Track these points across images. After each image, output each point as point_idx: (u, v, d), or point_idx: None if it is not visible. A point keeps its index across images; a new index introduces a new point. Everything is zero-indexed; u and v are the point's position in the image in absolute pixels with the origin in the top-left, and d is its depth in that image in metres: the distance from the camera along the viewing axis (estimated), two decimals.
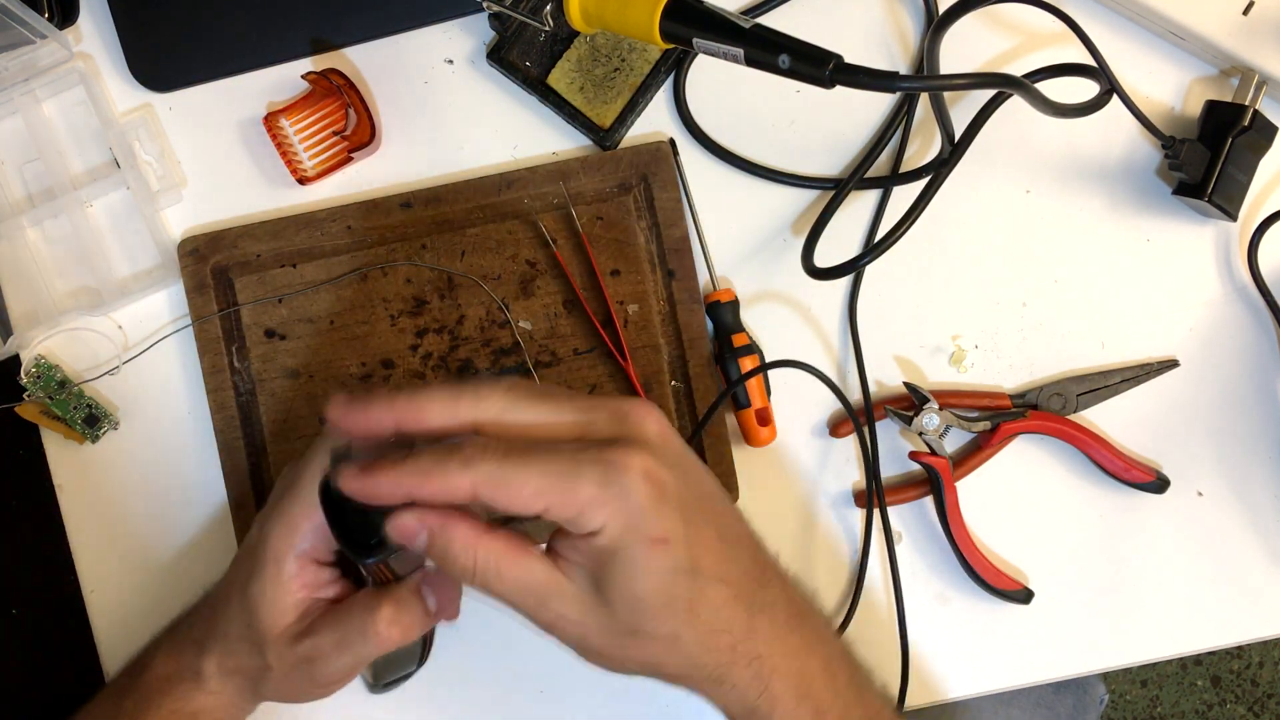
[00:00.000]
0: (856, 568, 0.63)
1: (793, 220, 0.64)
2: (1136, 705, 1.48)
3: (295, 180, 0.62)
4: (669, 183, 0.62)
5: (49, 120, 0.64)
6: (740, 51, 0.50)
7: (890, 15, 0.64)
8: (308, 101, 0.62)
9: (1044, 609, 0.63)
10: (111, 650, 0.63)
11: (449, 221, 0.63)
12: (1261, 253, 0.63)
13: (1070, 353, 0.64)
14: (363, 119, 0.62)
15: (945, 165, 0.59)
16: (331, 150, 0.62)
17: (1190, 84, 0.64)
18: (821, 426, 0.64)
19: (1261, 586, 0.63)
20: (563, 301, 0.63)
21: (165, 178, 0.64)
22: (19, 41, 0.60)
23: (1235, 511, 0.63)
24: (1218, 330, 0.64)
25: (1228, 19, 0.60)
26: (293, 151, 0.62)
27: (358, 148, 0.62)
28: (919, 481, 0.63)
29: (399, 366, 0.63)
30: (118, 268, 0.64)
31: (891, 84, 0.48)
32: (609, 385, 0.62)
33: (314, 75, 0.62)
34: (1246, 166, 0.61)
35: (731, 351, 0.61)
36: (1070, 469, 0.63)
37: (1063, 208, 0.64)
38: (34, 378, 0.62)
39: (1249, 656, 1.48)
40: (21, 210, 0.64)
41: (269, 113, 0.63)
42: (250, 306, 0.63)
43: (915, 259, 0.64)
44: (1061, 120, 0.59)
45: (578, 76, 0.63)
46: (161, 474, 0.63)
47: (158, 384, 0.64)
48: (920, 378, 0.64)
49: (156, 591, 0.63)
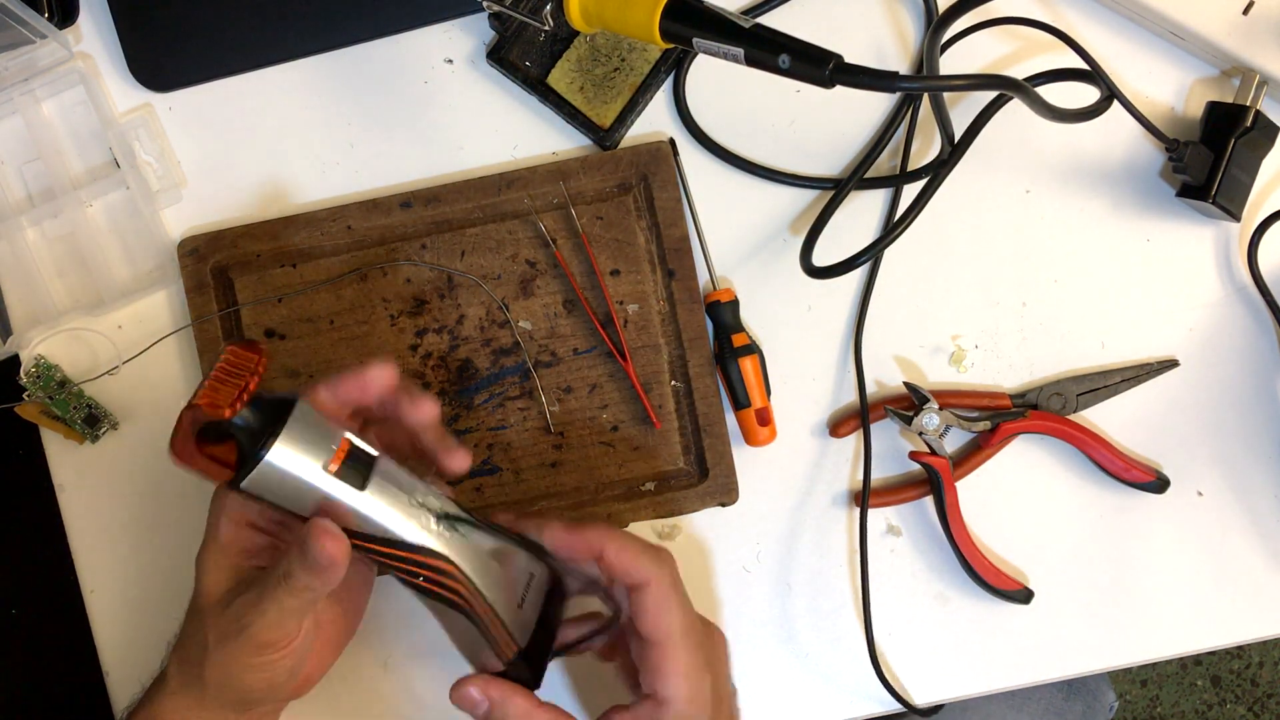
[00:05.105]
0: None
1: (792, 220, 0.64)
2: (1136, 705, 1.48)
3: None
4: (669, 183, 0.62)
5: (49, 120, 0.64)
6: (740, 51, 0.50)
7: (890, 15, 0.64)
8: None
9: (1044, 609, 0.63)
10: (111, 650, 0.63)
11: (449, 221, 0.63)
12: (1261, 253, 0.63)
13: (1070, 353, 0.64)
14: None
15: (945, 166, 0.59)
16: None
17: (1191, 85, 0.64)
18: (821, 426, 0.64)
19: (1261, 586, 0.63)
20: (563, 301, 0.63)
21: (165, 178, 0.64)
22: (19, 41, 0.60)
23: (1235, 511, 0.63)
24: (1218, 330, 0.64)
25: (1228, 19, 0.60)
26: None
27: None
28: (919, 481, 0.63)
29: (399, 366, 0.63)
30: (117, 268, 0.64)
31: (891, 84, 0.48)
32: (609, 385, 0.62)
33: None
34: (1249, 167, 0.61)
35: (731, 351, 0.61)
36: (1070, 469, 0.63)
37: (1063, 208, 0.64)
38: (34, 378, 0.62)
39: (1249, 656, 1.48)
40: (21, 210, 0.64)
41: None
42: (250, 306, 0.63)
43: (915, 259, 0.64)
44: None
45: (578, 76, 0.63)
46: (161, 474, 0.63)
47: (158, 384, 0.64)
48: (920, 378, 0.64)
49: (156, 591, 0.63)
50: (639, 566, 0.51)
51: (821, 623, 0.63)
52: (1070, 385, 0.63)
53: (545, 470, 0.63)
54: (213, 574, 0.51)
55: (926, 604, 0.63)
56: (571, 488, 0.63)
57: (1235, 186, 0.60)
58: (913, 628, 0.63)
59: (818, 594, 0.63)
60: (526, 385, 0.63)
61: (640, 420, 0.62)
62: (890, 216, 0.64)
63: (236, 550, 0.51)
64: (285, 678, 0.51)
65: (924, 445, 0.62)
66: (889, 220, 0.64)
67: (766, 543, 0.63)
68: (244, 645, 0.49)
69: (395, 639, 0.63)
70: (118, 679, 0.63)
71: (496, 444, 0.63)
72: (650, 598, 0.51)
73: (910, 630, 0.63)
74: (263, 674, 0.50)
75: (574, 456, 0.63)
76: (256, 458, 0.46)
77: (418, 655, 0.63)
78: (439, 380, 0.63)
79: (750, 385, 0.61)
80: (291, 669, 0.51)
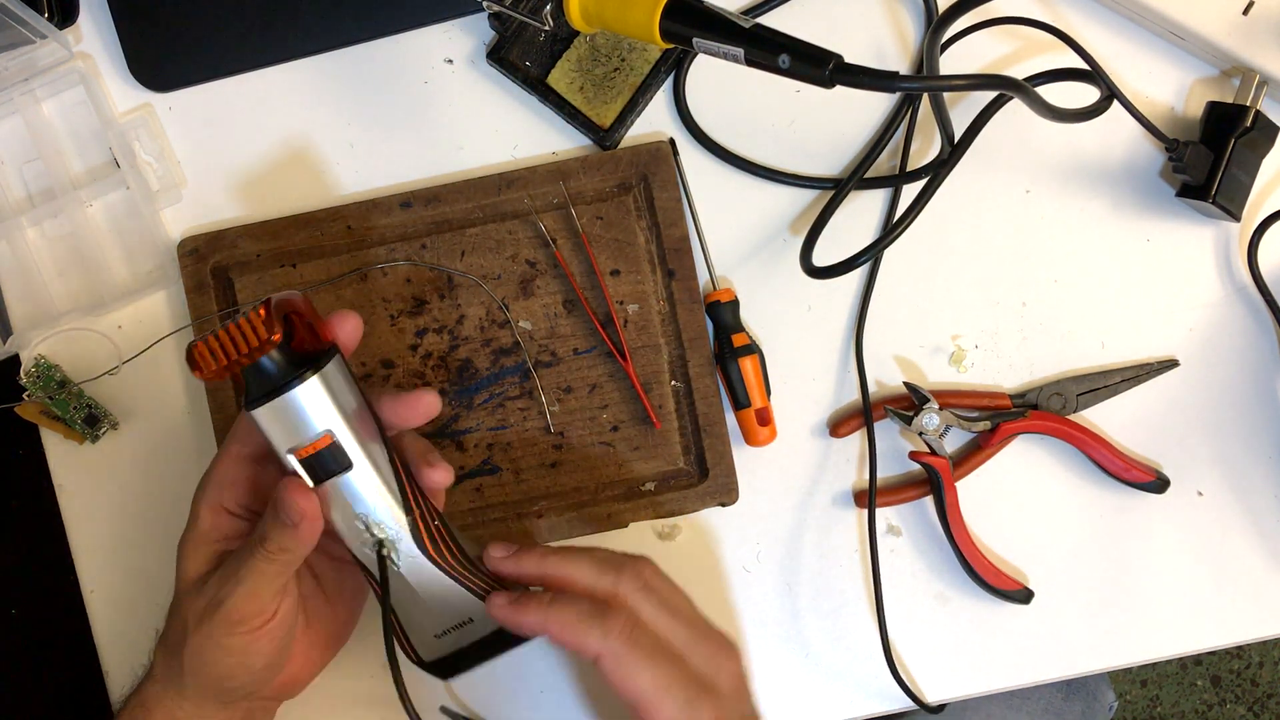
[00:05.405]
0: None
1: (792, 220, 0.64)
2: (1136, 705, 1.48)
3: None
4: (669, 183, 0.62)
5: (49, 120, 0.64)
6: (740, 51, 0.50)
7: (890, 15, 0.64)
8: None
9: (1044, 609, 0.63)
10: (111, 650, 0.63)
11: (449, 221, 0.63)
12: (1261, 253, 0.63)
13: (1070, 353, 0.64)
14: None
15: (945, 166, 0.59)
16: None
17: (1191, 85, 0.64)
18: (821, 426, 0.64)
19: (1261, 586, 0.63)
20: (563, 301, 0.63)
21: (165, 178, 0.64)
22: (19, 41, 0.60)
23: (1235, 511, 0.63)
24: (1218, 330, 0.64)
25: (1228, 19, 0.60)
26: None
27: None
28: (919, 481, 0.63)
29: (399, 366, 0.63)
30: (117, 268, 0.64)
31: (891, 84, 0.48)
32: (609, 385, 0.62)
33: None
34: (1249, 167, 0.61)
35: (731, 351, 0.61)
36: (1070, 469, 0.63)
37: (1063, 208, 0.64)
38: (34, 378, 0.62)
39: (1249, 656, 1.48)
40: (21, 210, 0.64)
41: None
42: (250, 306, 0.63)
43: (915, 259, 0.64)
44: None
45: (578, 76, 0.63)
46: (161, 474, 0.63)
47: (158, 384, 0.64)
48: (920, 378, 0.64)
49: (156, 591, 0.63)
50: (584, 644, 0.49)
51: (823, 622, 0.63)
52: (1070, 385, 0.63)
53: (545, 470, 0.63)
54: (191, 559, 0.51)
55: (926, 604, 0.63)
56: (571, 488, 0.63)
57: (1235, 186, 0.61)
58: (913, 628, 0.63)
59: (818, 594, 0.63)
60: (526, 385, 0.63)
61: (640, 420, 0.62)
62: (890, 216, 0.64)
63: (215, 535, 0.51)
64: (262, 664, 0.51)
65: (924, 445, 0.62)
66: (889, 220, 0.64)
67: (767, 543, 0.63)
68: (220, 623, 0.49)
69: None
70: (117, 678, 0.63)
71: (496, 444, 0.63)
72: (607, 668, 0.49)
73: (910, 630, 0.63)
74: (239, 657, 0.50)
75: (574, 456, 0.63)
76: (286, 386, 0.47)
77: None
78: (439, 380, 0.63)
79: (750, 385, 0.61)
80: (269, 655, 0.51)
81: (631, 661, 0.49)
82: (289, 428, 0.48)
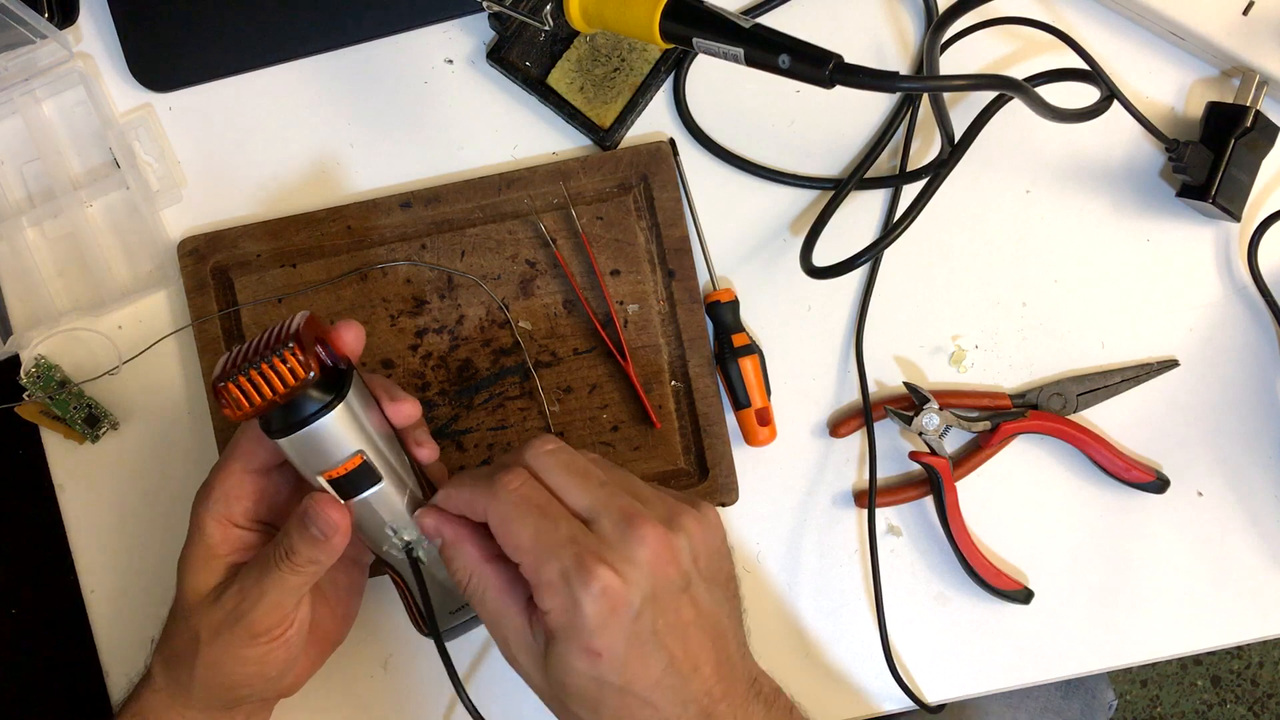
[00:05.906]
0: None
1: (792, 220, 0.64)
2: (1136, 705, 1.48)
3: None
4: (669, 183, 0.62)
5: (49, 120, 0.64)
6: (740, 51, 0.50)
7: (890, 15, 0.64)
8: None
9: (1044, 609, 0.63)
10: (111, 650, 0.63)
11: (449, 221, 0.63)
12: (1261, 253, 0.63)
13: (1070, 353, 0.64)
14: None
15: (945, 166, 0.59)
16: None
17: (1191, 85, 0.64)
18: (821, 426, 0.64)
19: (1261, 586, 0.63)
20: (563, 301, 0.63)
21: (165, 178, 0.64)
22: (19, 41, 0.60)
23: (1235, 511, 0.63)
24: (1218, 330, 0.64)
25: (1228, 19, 0.60)
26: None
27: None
28: (919, 481, 0.63)
29: (399, 366, 0.63)
30: (117, 268, 0.64)
31: (891, 84, 0.48)
32: (609, 385, 0.62)
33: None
34: (1249, 167, 0.61)
35: (731, 351, 0.61)
36: (1070, 469, 0.63)
37: (1063, 208, 0.64)
38: (34, 378, 0.62)
39: (1249, 656, 1.48)
40: (21, 210, 0.64)
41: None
42: (250, 306, 0.63)
43: (915, 259, 0.64)
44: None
45: (578, 76, 0.63)
46: (161, 474, 0.63)
47: (158, 384, 0.64)
48: (920, 378, 0.64)
49: (156, 591, 0.63)
50: (476, 511, 0.47)
51: (823, 622, 0.63)
52: (1070, 385, 0.63)
53: None
54: (200, 573, 0.51)
55: (926, 604, 0.63)
56: None
57: (1235, 186, 0.61)
58: (913, 628, 0.63)
59: (819, 594, 0.63)
60: (526, 385, 0.63)
61: (640, 420, 0.62)
62: (890, 216, 0.64)
63: (224, 549, 0.51)
64: (277, 672, 0.51)
65: (924, 445, 0.62)
66: (889, 220, 0.64)
67: (767, 542, 0.63)
68: (240, 635, 0.49)
69: (395, 639, 0.63)
70: (117, 679, 0.63)
71: (496, 444, 0.63)
72: (496, 532, 0.46)
73: (910, 630, 0.63)
74: (256, 667, 0.50)
75: None
76: (316, 415, 0.46)
77: (418, 655, 0.63)
78: (439, 380, 0.63)
79: (750, 385, 0.61)
80: (284, 662, 0.51)
81: (516, 517, 0.45)
82: (319, 454, 0.47)
